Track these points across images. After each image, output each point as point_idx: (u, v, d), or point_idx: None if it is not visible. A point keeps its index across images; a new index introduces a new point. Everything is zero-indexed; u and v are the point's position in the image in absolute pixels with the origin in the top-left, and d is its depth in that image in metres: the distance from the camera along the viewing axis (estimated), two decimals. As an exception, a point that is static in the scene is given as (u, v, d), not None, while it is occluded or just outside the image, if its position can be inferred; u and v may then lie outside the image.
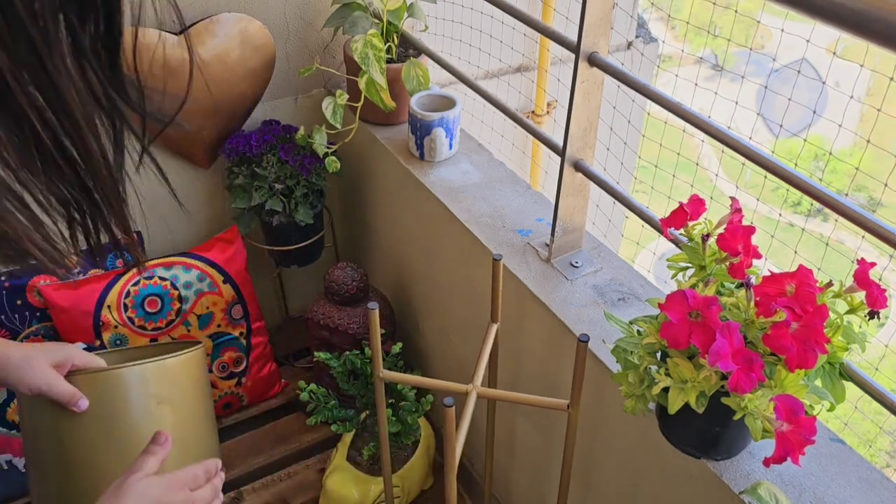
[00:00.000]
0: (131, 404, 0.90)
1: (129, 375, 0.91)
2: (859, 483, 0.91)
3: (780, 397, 0.76)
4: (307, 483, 1.67)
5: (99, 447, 0.89)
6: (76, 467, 0.88)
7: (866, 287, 0.80)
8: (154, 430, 0.84)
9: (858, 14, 0.70)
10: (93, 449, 0.88)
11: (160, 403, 0.92)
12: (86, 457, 0.88)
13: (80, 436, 0.89)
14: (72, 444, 0.89)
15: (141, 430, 0.89)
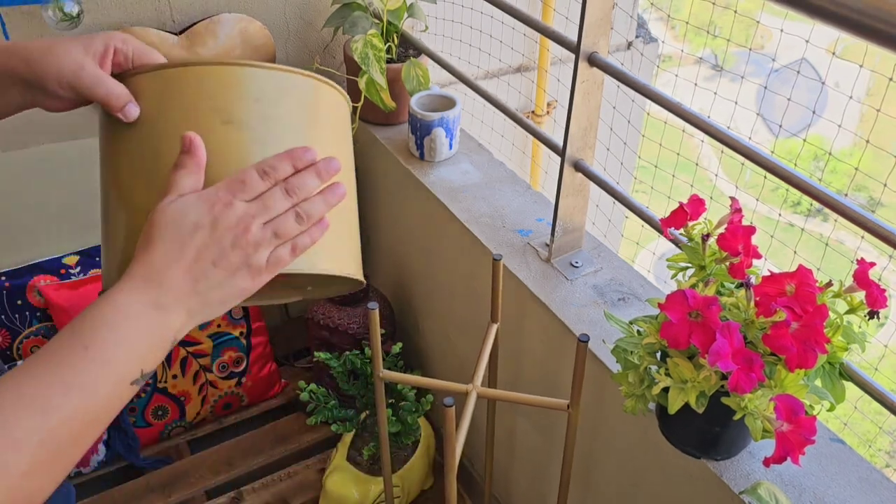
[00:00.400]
0: (201, 121, 0.59)
1: (212, 76, 0.60)
2: (859, 483, 0.91)
3: (780, 397, 0.76)
4: (307, 483, 1.67)
5: (140, 178, 0.60)
6: (116, 201, 0.61)
7: (866, 287, 0.80)
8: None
9: (858, 14, 0.70)
10: (133, 178, 0.60)
11: (226, 123, 0.60)
12: (125, 189, 0.61)
13: (120, 158, 0.61)
14: (112, 166, 0.62)
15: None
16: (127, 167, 0.61)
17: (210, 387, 1.66)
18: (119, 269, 0.59)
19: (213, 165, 0.58)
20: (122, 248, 0.60)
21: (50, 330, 1.54)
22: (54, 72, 0.59)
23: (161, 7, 1.41)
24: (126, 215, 0.61)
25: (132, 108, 0.61)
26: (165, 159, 0.58)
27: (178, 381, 1.62)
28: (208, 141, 0.58)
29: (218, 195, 0.55)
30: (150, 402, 1.61)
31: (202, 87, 0.60)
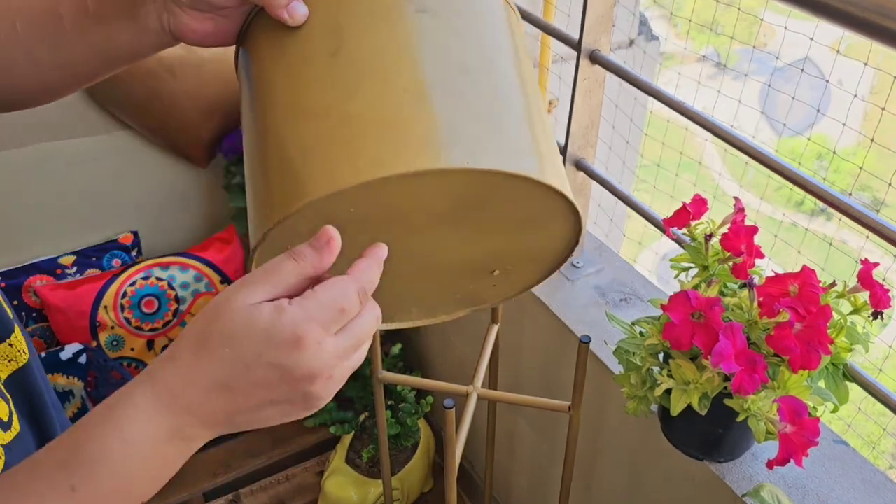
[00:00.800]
0: (391, 8, 0.47)
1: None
2: (863, 485, 0.90)
3: (784, 399, 0.75)
4: (306, 485, 1.66)
5: (320, 82, 0.46)
6: (283, 124, 0.47)
7: (870, 287, 0.79)
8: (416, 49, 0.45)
9: (862, 11, 0.69)
10: (308, 88, 0.46)
11: (423, 13, 0.47)
12: (298, 98, 0.46)
13: (287, 77, 0.48)
14: (275, 79, 0.48)
15: (394, 57, 0.46)
16: (301, 85, 0.47)
17: (208, 388, 1.66)
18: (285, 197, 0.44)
19: (405, 60, 0.45)
20: (297, 167, 0.44)
21: (46, 330, 1.53)
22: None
23: (158, 5, 1.40)
24: (298, 131, 0.45)
25: (297, 6, 0.47)
26: (349, 64, 0.45)
27: (176, 382, 1.61)
28: (397, 31, 0.46)
29: (310, 328, 0.39)
30: (147, 403, 1.60)
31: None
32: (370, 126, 0.43)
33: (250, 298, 0.39)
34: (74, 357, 1.47)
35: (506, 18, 0.52)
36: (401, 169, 0.41)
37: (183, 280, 1.57)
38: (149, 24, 0.51)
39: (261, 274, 0.40)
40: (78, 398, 1.51)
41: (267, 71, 0.49)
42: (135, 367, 1.56)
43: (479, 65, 0.47)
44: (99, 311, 1.50)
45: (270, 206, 0.45)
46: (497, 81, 0.48)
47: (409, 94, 0.44)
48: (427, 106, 0.44)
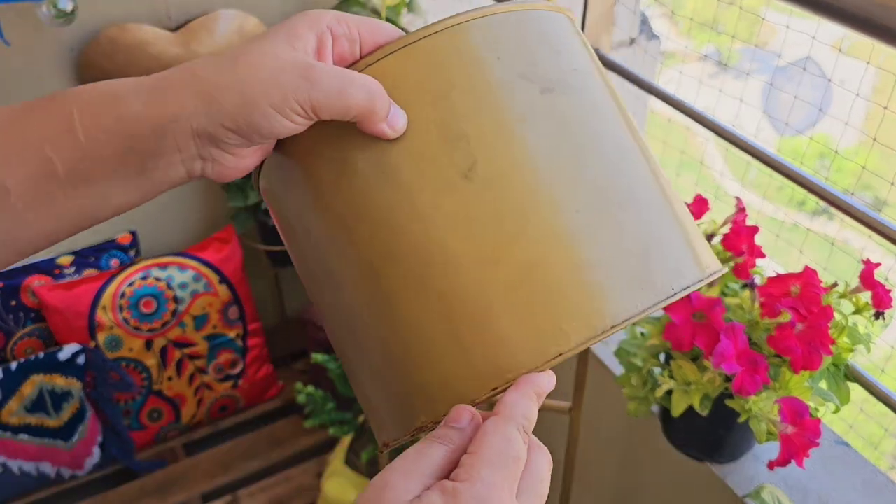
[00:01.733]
0: (508, 102, 0.37)
1: (503, 26, 0.39)
2: (864, 486, 0.90)
3: (785, 399, 0.75)
4: (305, 487, 1.66)
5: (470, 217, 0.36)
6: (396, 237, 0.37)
7: (872, 287, 0.79)
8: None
9: (864, 10, 0.69)
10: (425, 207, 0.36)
11: (546, 92, 0.38)
12: (411, 218, 0.36)
13: (399, 190, 0.37)
14: (385, 202, 0.36)
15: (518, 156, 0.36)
16: (441, 223, 0.35)
17: (206, 389, 1.65)
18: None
19: (538, 157, 0.36)
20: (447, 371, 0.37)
21: (45, 331, 1.52)
22: (261, 89, 0.34)
23: (157, 3, 1.40)
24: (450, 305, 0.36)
25: (398, 113, 0.36)
26: (477, 176, 0.35)
27: (174, 383, 1.60)
28: (524, 125, 0.37)
29: (497, 494, 0.32)
30: (144, 404, 1.59)
31: (497, 47, 0.37)
32: (550, 274, 0.35)
33: (409, 492, 0.32)
34: (73, 357, 1.46)
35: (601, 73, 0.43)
36: (608, 325, 0.35)
37: (181, 280, 1.56)
38: (165, 176, 0.37)
39: (411, 462, 0.33)
40: (76, 399, 1.50)
41: (362, 202, 0.37)
42: (133, 368, 1.55)
43: (626, 156, 0.39)
44: (97, 311, 1.49)
45: (454, 377, 0.37)
46: (643, 173, 0.39)
47: (581, 217, 0.36)
48: (603, 231, 0.36)
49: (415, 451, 0.34)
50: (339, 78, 0.35)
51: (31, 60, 1.37)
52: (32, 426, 1.47)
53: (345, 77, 0.35)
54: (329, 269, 0.39)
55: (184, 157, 0.36)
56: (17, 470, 1.49)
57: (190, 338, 1.59)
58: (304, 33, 0.36)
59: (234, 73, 0.34)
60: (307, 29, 0.36)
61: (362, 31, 0.38)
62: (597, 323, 0.35)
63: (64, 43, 1.38)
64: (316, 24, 0.36)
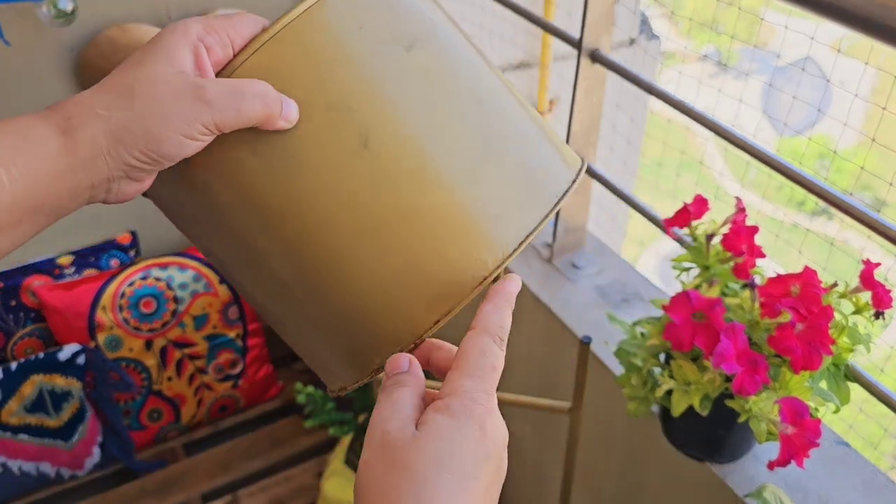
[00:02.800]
0: (381, 64, 0.39)
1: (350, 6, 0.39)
2: (864, 486, 0.90)
3: (785, 399, 0.75)
4: (305, 487, 1.66)
5: (333, 180, 0.39)
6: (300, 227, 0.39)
7: (872, 287, 0.79)
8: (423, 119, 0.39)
9: (863, 10, 0.69)
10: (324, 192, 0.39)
11: (411, 49, 0.40)
12: (316, 204, 0.39)
13: (298, 185, 0.39)
14: (278, 205, 0.39)
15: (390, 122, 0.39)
16: (314, 191, 0.38)
17: (206, 389, 1.65)
18: (351, 360, 0.42)
19: (421, 111, 0.39)
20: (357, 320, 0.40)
21: (45, 331, 1.52)
22: (164, 123, 0.36)
23: (157, 3, 1.40)
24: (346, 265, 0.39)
25: (291, 103, 0.38)
26: (372, 144, 0.38)
27: (174, 384, 1.60)
28: (401, 86, 0.39)
29: (487, 406, 0.36)
30: (144, 404, 1.59)
31: (355, 17, 0.39)
32: (454, 221, 0.39)
33: (409, 426, 0.36)
34: (73, 358, 1.46)
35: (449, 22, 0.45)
36: (514, 244, 0.41)
37: (181, 280, 1.56)
38: (72, 210, 0.38)
39: (391, 408, 0.37)
40: (76, 399, 1.50)
41: (272, 185, 0.39)
42: (133, 368, 1.55)
43: (488, 100, 0.43)
44: (97, 311, 1.49)
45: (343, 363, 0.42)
46: (506, 109, 0.43)
47: (468, 160, 0.40)
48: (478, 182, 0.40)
49: (387, 402, 0.37)
50: (233, 96, 0.37)
51: (31, 60, 1.37)
52: (32, 426, 1.47)
53: (235, 91, 0.37)
54: (254, 251, 0.41)
55: (94, 190, 0.37)
56: (17, 470, 1.49)
57: (190, 338, 1.59)
58: (180, 51, 0.37)
59: (134, 109, 0.36)
60: (181, 45, 0.38)
61: (231, 33, 0.39)
62: (506, 244, 0.40)
63: (64, 43, 1.38)
64: (186, 37, 0.38)
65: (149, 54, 0.37)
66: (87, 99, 0.36)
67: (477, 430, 0.35)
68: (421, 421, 0.36)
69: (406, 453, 0.34)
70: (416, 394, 0.38)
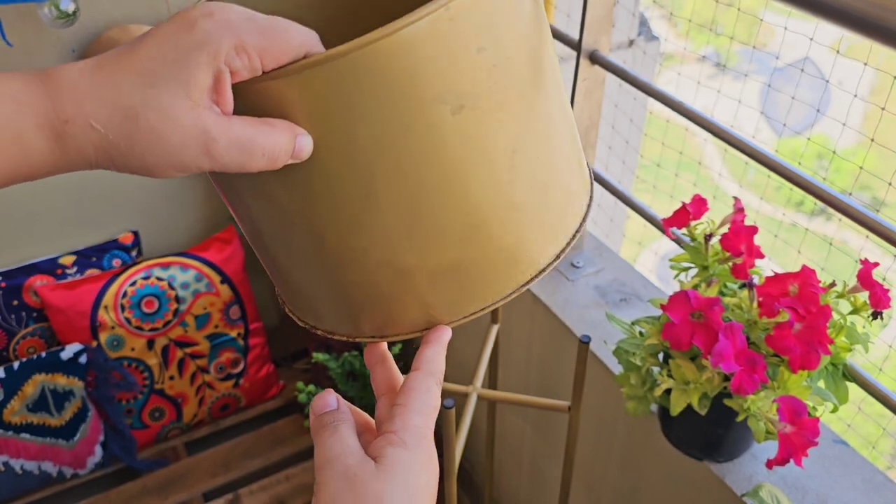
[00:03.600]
0: (421, 121, 0.37)
1: (416, 46, 0.36)
2: (863, 485, 0.90)
3: (783, 399, 0.75)
4: (306, 486, 1.66)
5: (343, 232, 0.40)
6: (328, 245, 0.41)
7: (870, 287, 0.79)
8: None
9: (862, 11, 0.69)
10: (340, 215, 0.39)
11: (458, 111, 0.37)
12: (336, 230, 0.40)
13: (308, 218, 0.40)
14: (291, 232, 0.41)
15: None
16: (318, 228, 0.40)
17: (207, 388, 1.65)
18: None
19: (458, 184, 0.38)
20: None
21: (46, 331, 1.53)
22: (163, 161, 0.35)
23: (157, 4, 1.40)
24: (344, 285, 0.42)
25: (303, 141, 0.37)
26: (380, 194, 0.38)
27: (175, 383, 1.61)
28: (443, 149, 0.37)
29: (426, 445, 0.41)
30: (146, 403, 1.60)
31: (404, 69, 0.35)
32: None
33: (359, 454, 0.40)
34: (75, 357, 1.47)
35: (542, 27, 0.42)
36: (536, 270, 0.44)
37: (183, 280, 1.57)
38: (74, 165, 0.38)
39: (339, 444, 0.40)
40: (78, 398, 1.51)
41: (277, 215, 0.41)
42: (135, 367, 1.56)
43: (529, 151, 0.41)
44: (99, 310, 1.50)
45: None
46: (551, 157, 0.42)
47: (467, 228, 0.40)
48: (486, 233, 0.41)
49: (335, 439, 0.41)
50: (240, 150, 0.36)
51: (32, 61, 1.38)
52: (34, 425, 1.48)
53: (245, 148, 0.36)
54: (275, 235, 0.43)
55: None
56: (19, 469, 1.50)
57: (192, 337, 1.59)
58: (201, 74, 0.35)
59: (133, 139, 0.34)
60: (205, 67, 0.35)
61: (265, 57, 0.36)
62: (527, 272, 0.43)
63: (65, 44, 1.38)
64: (214, 59, 0.35)
65: (167, 69, 0.34)
66: (86, 101, 0.34)
67: (427, 459, 0.41)
68: (379, 455, 0.39)
69: (376, 485, 0.38)
70: (353, 428, 0.42)
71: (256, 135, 0.36)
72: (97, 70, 0.35)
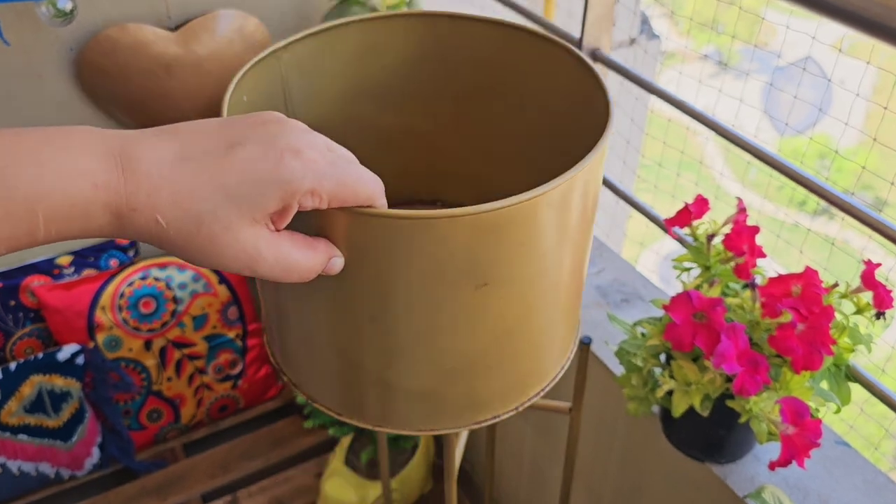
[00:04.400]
0: (447, 286, 0.42)
1: (460, 227, 0.41)
2: (865, 486, 0.90)
3: (786, 400, 0.74)
4: (304, 487, 1.66)
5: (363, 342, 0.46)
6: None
7: (873, 287, 0.79)
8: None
9: (864, 10, 0.69)
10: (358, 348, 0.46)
11: (481, 287, 0.43)
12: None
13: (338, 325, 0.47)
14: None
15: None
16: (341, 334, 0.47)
17: (205, 389, 1.65)
18: None
19: (470, 341, 0.46)
20: None
21: (44, 331, 1.52)
22: (208, 263, 0.38)
23: (156, 3, 1.39)
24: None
25: (337, 262, 0.42)
26: (400, 335, 0.45)
27: (173, 384, 1.60)
28: (447, 314, 0.44)
29: None
30: (144, 404, 1.59)
31: (446, 241, 0.40)
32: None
33: None
34: (72, 358, 1.46)
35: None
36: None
37: (181, 280, 1.56)
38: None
39: None
40: (76, 399, 1.50)
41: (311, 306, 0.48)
42: (132, 368, 1.55)
43: (523, 325, 0.48)
44: (96, 311, 1.49)
45: None
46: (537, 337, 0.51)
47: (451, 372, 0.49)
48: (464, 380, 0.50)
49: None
50: (283, 269, 0.39)
51: (30, 60, 1.37)
52: (32, 426, 1.47)
53: (287, 268, 0.39)
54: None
55: None
56: (16, 470, 1.49)
57: (189, 338, 1.59)
58: (273, 205, 0.37)
59: (191, 242, 0.37)
60: (279, 201, 0.37)
61: (333, 202, 0.39)
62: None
63: (64, 43, 1.38)
64: (290, 197, 0.37)
65: (244, 190, 0.36)
66: (160, 196, 0.35)
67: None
68: None
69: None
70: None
71: (300, 258, 0.40)
72: (179, 165, 0.36)
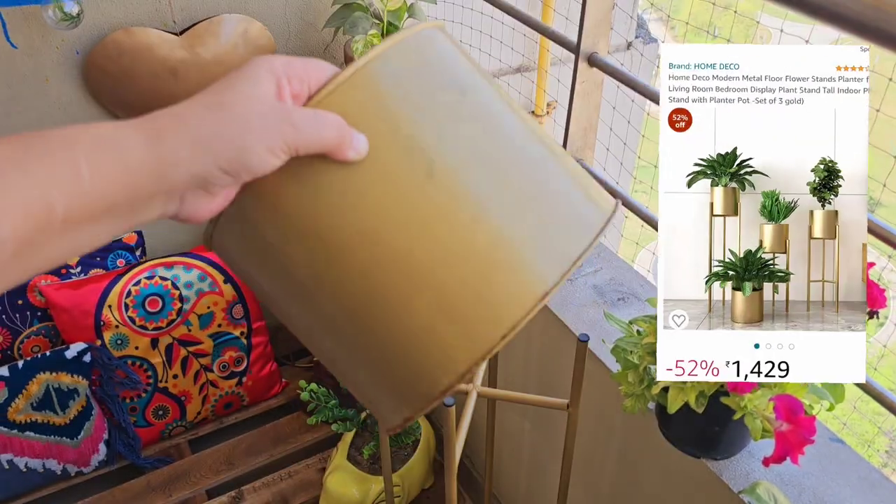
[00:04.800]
0: (440, 106, 0.43)
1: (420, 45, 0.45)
2: (858, 482, 0.91)
3: (780, 397, 0.76)
4: (308, 482, 1.67)
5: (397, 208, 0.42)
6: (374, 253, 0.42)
7: (866, 287, 0.80)
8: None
9: (857, 13, 0.70)
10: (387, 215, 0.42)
11: (464, 94, 0.45)
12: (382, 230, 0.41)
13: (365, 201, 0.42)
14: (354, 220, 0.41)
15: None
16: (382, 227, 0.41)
17: (211, 386, 1.67)
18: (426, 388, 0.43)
19: (461, 148, 0.43)
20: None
21: (51, 330, 1.54)
22: (260, 144, 0.38)
23: (161, 7, 1.41)
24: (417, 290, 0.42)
25: (359, 139, 0.41)
26: (437, 175, 0.42)
27: (179, 381, 1.62)
28: (459, 124, 0.44)
29: None
30: (150, 401, 1.61)
31: (415, 64, 0.44)
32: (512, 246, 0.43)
33: None
34: (79, 356, 1.48)
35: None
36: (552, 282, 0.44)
37: (187, 279, 1.58)
38: (145, 217, 0.39)
39: None
40: (83, 396, 1.52)
41: (348, 218, 0.42)
42: (139, 366, 1.57)
43: (520, 167, 0.45)
44: (103, 310, 1.51)
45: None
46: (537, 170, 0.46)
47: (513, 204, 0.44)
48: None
49: None
50: (314, 119, 0.40)
51: (37, 63, 1.39)
52: (39, 424, 1.49)
53: (317, 118, 0.40)
54: (309, 289, 0.44)
55: (168, 199, 0.38)
56: (23, 467, 1.51)
57: (195, 336, 1.61)
58: (265, 79, 0.40)
59: (226, 121, 0.38)
60: (267, 75, 0.40)
61: (306, 75, 0.42)
62: (549, 277, 0.43)
63: (70, 46, 1.39)
64: (272, 70, 0.40)
65: (237, 80, 0.40)
66: (179, 110, 0.38)
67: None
68: None
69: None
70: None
71: (324, 113, 0.41)
72: (186, 101, 0.40)
